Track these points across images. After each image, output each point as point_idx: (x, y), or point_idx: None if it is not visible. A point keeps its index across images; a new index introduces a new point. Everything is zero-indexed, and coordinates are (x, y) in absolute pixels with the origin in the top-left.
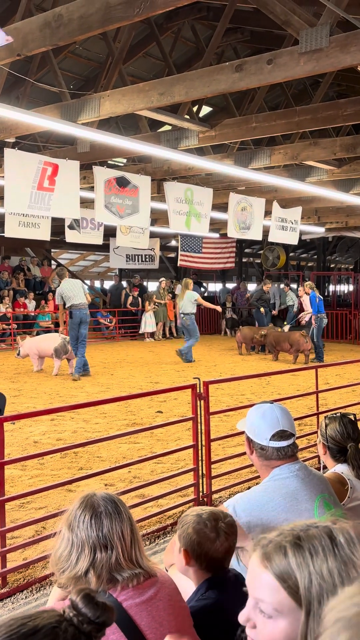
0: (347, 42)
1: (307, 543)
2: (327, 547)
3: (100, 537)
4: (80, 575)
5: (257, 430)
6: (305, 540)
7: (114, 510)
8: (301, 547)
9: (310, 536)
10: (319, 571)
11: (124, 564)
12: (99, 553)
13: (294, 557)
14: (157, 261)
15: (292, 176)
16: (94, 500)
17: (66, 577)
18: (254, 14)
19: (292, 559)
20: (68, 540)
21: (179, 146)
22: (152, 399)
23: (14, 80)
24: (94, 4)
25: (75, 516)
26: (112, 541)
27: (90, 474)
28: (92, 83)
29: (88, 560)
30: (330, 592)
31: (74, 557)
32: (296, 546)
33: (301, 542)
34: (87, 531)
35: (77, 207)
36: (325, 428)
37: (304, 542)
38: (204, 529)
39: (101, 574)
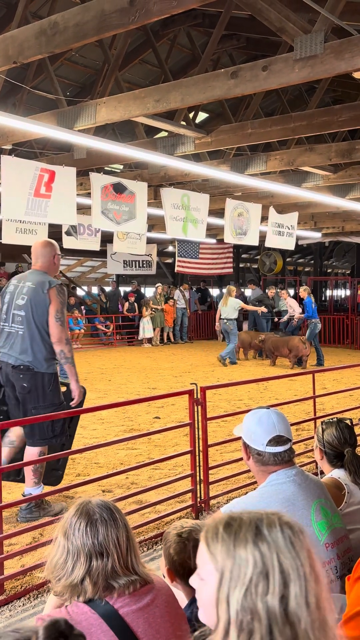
0: (341, 49)
1: (235, 529)
2: (251, 537)
3: (96, 545)
4: (76, 583)
5: (253, 436)
6: (234, 526)
7: (110, 517)
8: (230, 532)
9: (240, 523)
10: (236, 556)
11: (120, 571)
12: (94, 561)
13: (221, 542)
14: (154, 267)
15: (288, 182)
16: (89, 508)
17: (62, 585)
18: (250, 21)
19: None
20: (64, 548)
21: (175, 152)
22: (149, 404)
23: (11, 87)
24: (89, 11)
25: (70, 524)
26: (108, 548)
27: (87, 480)
28: (88, 90)
29: (84, 568)
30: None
31: (69, 564)
32: (226, 530)
33: (230, 528)
34: (83, 539)
35: (74, 214)
36: (321, 433)
37: (232, 528)
38: (184, 550)
39: (97, 581)
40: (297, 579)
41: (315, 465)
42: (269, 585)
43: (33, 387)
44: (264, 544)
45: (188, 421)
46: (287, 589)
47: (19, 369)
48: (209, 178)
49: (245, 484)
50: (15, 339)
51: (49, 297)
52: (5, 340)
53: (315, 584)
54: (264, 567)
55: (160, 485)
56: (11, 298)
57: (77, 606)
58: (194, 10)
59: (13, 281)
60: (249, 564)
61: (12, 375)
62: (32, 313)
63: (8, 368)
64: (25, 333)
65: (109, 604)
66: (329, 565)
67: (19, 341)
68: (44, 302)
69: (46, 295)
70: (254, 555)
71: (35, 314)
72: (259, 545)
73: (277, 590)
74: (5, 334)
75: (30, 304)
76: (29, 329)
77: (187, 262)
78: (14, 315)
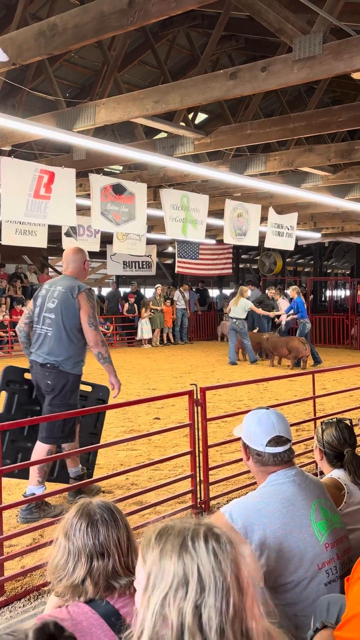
0: (340, 50)
1: (164, 538)
2: (176, 547)
3: (97, 545)
4: (77, 583)
5: (253, 436)
6: (164, 536)
7: (110, 518)
8: (159, 541)
9: (170, 533)
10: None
11: (120, 571)
12: (95, 561)
13: (151, 550)
14: (154, 268)
15: (288, 182)
16: (90, 508)
17: (63, 585)
18: (249, 22)
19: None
20: (65, 548)
21: (175, 153)
22: (149, 405)
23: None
24: (88, 13)
25: (71, 524)
26: (109, 549)
27: (87, 481)
28: (87, 91)
29: (85, 569)
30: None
31: (70, 565)
32: (157, 539)
33: (161, 537)
34: (84, 539)
35: (73, 215)
36: (321, 433)
37: (162, 537)
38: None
39: (98, 581)
40: (214, 590)
41: (315, 465)
42: (186, 594)
43: (56, 386)
44: (187, 555)
45: (188, 422)
46: (203, 599)
47: (46, 367)
48: (208, 179)
49: (246, 485)
50: (44, 340)
51: (79, 301)
52: (35, 341)
53: (238, 594)
54: (183, 577)
55: (160, 486)
56: (43, 301)
57: (77, 606)
58: (193, 11)
59: (45, 286)
60: (170, 572)
61: (39, 373)
62: (62, 316)
63: (37, 367)
64: (54, 335)
65: (110, 604)
66: (328, 565)
67: (47, 342)
68: (73, 305)
69: (75, 299)
70: (176, 564)
71: (65, 316)
72: (182, 555)
73: (192, 599)
74: (36, 336)
75: (60, 308)
76: (57, 331)
77: (187, 262)
78: (45, 317)
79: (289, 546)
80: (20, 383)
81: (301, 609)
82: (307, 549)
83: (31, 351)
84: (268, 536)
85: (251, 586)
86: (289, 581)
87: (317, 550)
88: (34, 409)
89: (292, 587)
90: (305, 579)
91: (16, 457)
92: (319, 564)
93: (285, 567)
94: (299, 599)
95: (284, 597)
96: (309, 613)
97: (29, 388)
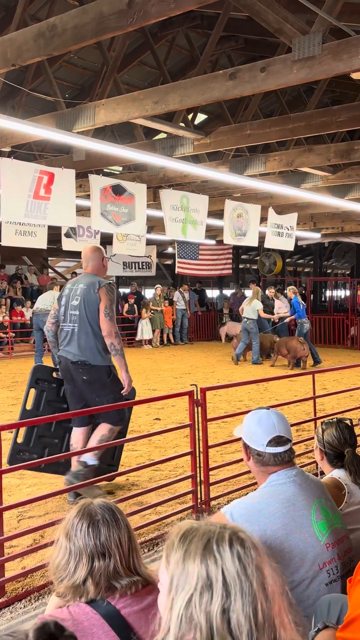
0: (339, 50)
1: (188, 540)
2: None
3: (98, 546)
4: (78, 584)
5: (253, 436)
6: (188, 538)
7: (111, 518)
8: (183, 543)
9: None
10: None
11: (122, 571)
12: (97, 561)
13: (175, 551)
14: (154, 268)
15: (287, 183)
16: (91, 509)
17: (64, 586)
18: (248, 22)
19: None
20: (66, 549)
21: (174, 154)
22: (149, 406)
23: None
24: (87, 14)
25: (72, 525)
26: (110, 549)
27: (88, 482)
28: (87, 92)
29: (86, 569)
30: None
31: (72, 565)
32: (181, 541)
33: (185, 539)
34: (85, 540)
35: (73, 216)
36: (322, 433)
37: (186, 539)
38: None
39: (99, 582)
40: (241, 594)
41: (316, 465)
42: (212, 598)
43: (93, 379)
44: (211, 558)
45: (188, 422)
46: (230, 603)
47: (77, 364)
48: (208, 179)
49: (246, 485)
50: (72, 336)
51: (99, 295)
52: (63, 338)
53: (265, 601)
54: (207, 580)
55: (161, 487)
56: (67, 300)
57: (78, 606)
58: (193, 11)
59: (68, 285)
60: (194, 574)
61: (72, 369)
62: (86, 311)
63: (68, 363)
64: (80, 330)
65: (111, 604)
66: (329, 565)
67: (75, 338)
68: (95, 300)
69: (97, 294)
70: (199, 568)
71: (88, 312)
72: (206, 558)
73: (219, 602)
74: (64, 333)
75: (83, 304)
76: (82, 327)
77: (186, 263)
78: (70, 315)
79: (289, 546)
80: (48, 381)
81: (302, 609)
82: (308, 549)
83: (60, 348)
84: (269, 536)
85: (277, 594)
86: (289, 581)
87: (318, 550)
88: (61, 407)
89: (293, 587)
90: (306, 579)
91: (43, 452)
92: (320, 564)
93: (286, 567)
94: (300, 599)
95: None
96: (309, 613)
97: (57, 386)
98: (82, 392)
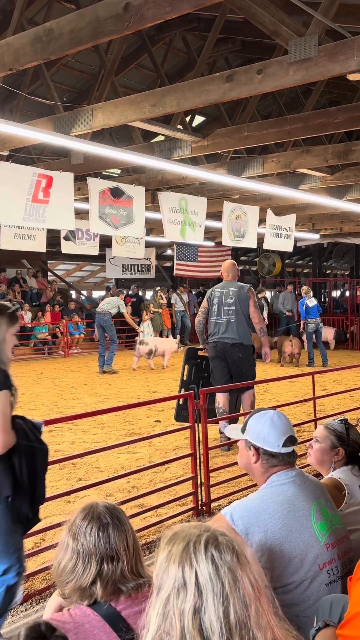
0: (335, 51)
1: (172, 544)
2: (180, 552)
3: (108, 549)
4: (85, 586)
5: (267, 438)
6: (172, 541)
7: (119, 521)
8: (167, 546)
9: (177, 539)
10: (166, 567)
11: (128, 575)
12: (105, 565)
13: (160, 554)
14: (153, 270)
15: (285, 184)
16: (99, 512)
17: (70, 588)
18: (245, 24)
19: (160, 553)
20: (73, 550)
21: (172, 156)
22: (150, 408)
23: (7, 93)
24: (84, 18)
25: (80, 527)
26: (119, 553)
27: (88, 485)
28: (85, 95)
29: (95, 572)
30: (164, 589)
31: (80, 568)
32: (167, 543)
33: (169, 542)
34: (95, 542)
35: (72, 219)
36: (345, 433)
37: (170, 542)
38: None
39: (107, 585)
40: (213, 596)
41: None
42: (185, 598)
43: (244, 356)
44: (187, 560)
45: (188, 424)
46: (201, 604)
47: (235, 345)
48: (206, 181)
49: (247, 487)
50: (228, 325)
51: (249, 294)
52: (218, 328)
53: (239, 602)
54: (182, 581)
55: (161, 489)
56: (220, 300)
57: (79, 608)
58: (189, 14)
59: (217, 289)
60: (172, 575)
61: (229, 350)
62: (240, 307)
63: (225, 346)
64: (236, 320)
65: (112, 606)
66: (329, 565)
67: (231, 327)
68: (246, 298)
69: (247, 293)
70: (177, 570)
71: (242, 307)
72: (183, 561)
73: (191, 602)
74: (218, 325)
75: (238, 301)
76: (237, 317)
77: (185, 265)
78: (225, 310)
79: (289, 547)
80: (195, 359)
81: (302, 609)
82: (308, 549)
83: (214, 336)
84: (269, 537)
85: (254, 596)
86: (290, 582)
87: (318, 550)
88: (203, 376)
89: (294, 587)
90: (306, 580)
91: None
92: (320, 565)
93: (286, 568)
94: (300, 600)
95: (285, 598)
96: (310, 614)
97: (200, 362)
98: (230, 367)
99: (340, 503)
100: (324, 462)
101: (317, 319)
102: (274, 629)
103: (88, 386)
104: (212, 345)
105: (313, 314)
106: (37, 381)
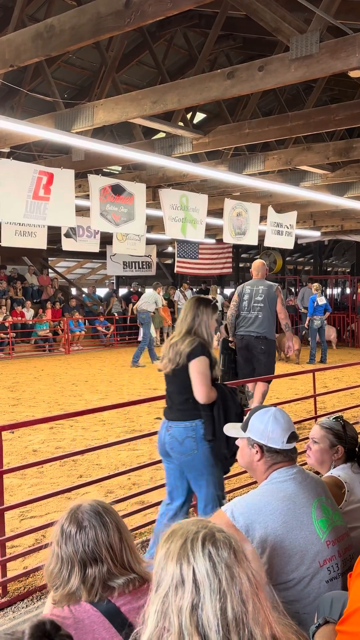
0: (337, 48)
1: (170, 541)
2: (177, 549)
3: (88, 552)
4: (73, 591)
5: (272, 435)
6: (170, 538)
7: (99, 522)
8: (166, 543)
9: (175, 537)
10: (165, 565)
11: (117, 572)
12: (89, 568)
13: (159, 551)
14: (154, 268)
15: (287, 181)
16: (78, 514)
17: (60, 594)
18: (246, 21)
19: (160, 550)
20: (57, 556)
21: (173, 153)
22: (150, 405)
23: (8, 90)
24: (85, 14)
25: (62, 531)
26: (101, 554)
27: (89, 482)
28: (85, 92)
29: (79, 577)
30: (162, 586)
31: (65, 574)
32: (166, 540)
33: (168, 540)
34: (74, 547)
35: (72, 216)
36: (342, 430)
37: (169, 540)
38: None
39: (94, 585)
40: (210, 592)
41: None
42: (183, 595)
43: (267, 349)
44: (185, 557)
45: None
46: (199, 601)
47: (259, 338)
48: (207, 178)
49: (247, 483)
50: (256, 320)
51: (277, 292)
52: (245, 321)
53: (236, 599)
54: (180, 578)
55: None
56: (250, 296)
57: (79, 604)
58: (190, 11)
59: (247, 286)
60: (170, 572)
61: (253, 342)
62: (269, 304)
63: (251, 339)
64: (264, 316)
65: (111, 602)
66: (330, 562)
67: (258, 321)
68: (274, 296)
69: (275, 292)
70: (175, 567)
71: (270, 304)
72: (181, 558)
73: (188, 599)
74: (247, 319)
75: (267, 298)
76: (265, 313)
77: (186, 262)
78: (255, 306)
79: (290, 544)
80: (227, 349)
81: (303, 606)
82: (309, 546)
83: (241, 328)
84: (269, 534)
85: (252, 592)
86: (290, 579)
87: (318, 547)
88: (231, 366)
89: (294, 584)
90: (306, 577)
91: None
92: (321, 562)
93: (287, 564)
94: (300, 597)
95: (286, 594)
96: (310, 610)
97: (230, 353)
98: (252, 358)
99: (340, 501)
100: (325, 462)
101: (322, 317)
102: (272, 624)
103: (89, 383)
104: (239, 337)
105: (319, 312)
106: (38, 378)
